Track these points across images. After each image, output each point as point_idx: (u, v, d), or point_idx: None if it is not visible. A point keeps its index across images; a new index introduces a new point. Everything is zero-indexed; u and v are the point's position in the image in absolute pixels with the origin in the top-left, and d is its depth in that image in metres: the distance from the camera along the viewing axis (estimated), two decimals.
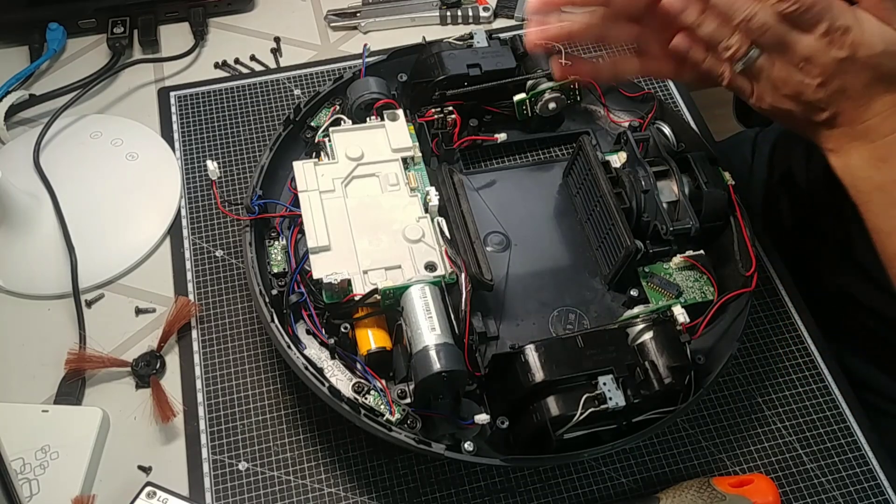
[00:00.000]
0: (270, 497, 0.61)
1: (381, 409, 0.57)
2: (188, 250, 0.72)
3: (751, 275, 0.63)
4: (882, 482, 0.62)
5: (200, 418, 0.64)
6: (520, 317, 0.65)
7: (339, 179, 0.65)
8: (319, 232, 0.61)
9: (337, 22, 0.89)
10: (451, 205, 0.64)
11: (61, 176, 0.74)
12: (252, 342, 0.67)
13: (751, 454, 0.64)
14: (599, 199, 0.66)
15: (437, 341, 0.55)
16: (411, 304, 0.57)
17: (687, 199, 0.65)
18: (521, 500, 0.61)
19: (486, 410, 0.58)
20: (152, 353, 0.66)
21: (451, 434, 0.57)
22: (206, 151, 0.78)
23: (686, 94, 0.85)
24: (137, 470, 0.62)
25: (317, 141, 0.69)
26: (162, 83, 0.84)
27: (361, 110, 0.70)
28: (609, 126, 0.76)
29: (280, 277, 0.63)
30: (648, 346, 0.58)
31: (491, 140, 0.72)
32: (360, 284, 0.59)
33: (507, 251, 0.68)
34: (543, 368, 0.55)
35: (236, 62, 0.86)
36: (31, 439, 0.61)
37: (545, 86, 0.72)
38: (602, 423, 0.56)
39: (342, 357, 0.59)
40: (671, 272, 0.65)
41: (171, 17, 0.88)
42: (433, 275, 0.59)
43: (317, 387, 0.57)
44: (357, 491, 0.61)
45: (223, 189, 0.76)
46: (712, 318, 0.63)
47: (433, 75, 0.71)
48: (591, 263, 0.68)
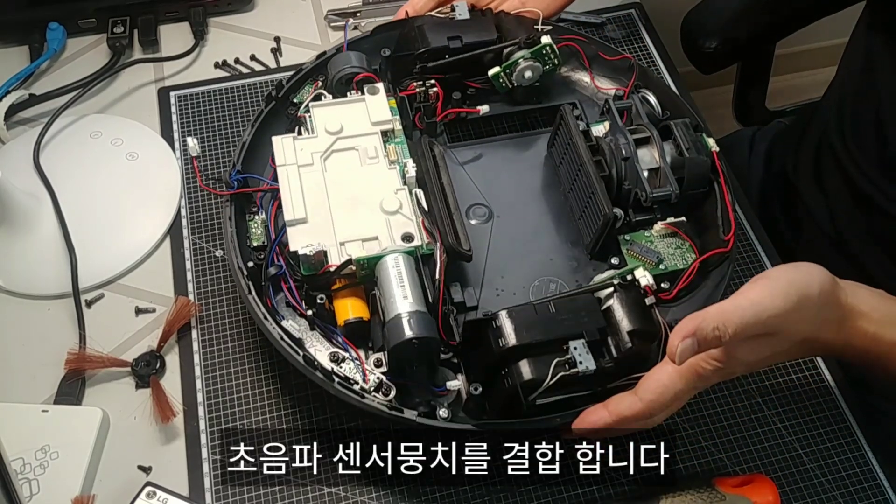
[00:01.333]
0: (270, 497, 0.61)
1: (357, 378, 0.58)
2: (188, 250, 0.72)
3: (729, 238, 0.63)
4: (882, 482, 0.62)
5: (200, 418, 0.64)
6: (500, 287, 0.65)
7: (317, 153, 0.66)
8: (297, 205, 0.62)
9: (337, 22, 0.89)
10: (430, 176, 0.64)
11: (61, 176, 0.74)
12: (252, 342, 0.67)
13: (751, 454, 0.63)
14: (580, 168, 0.66)
15: (409, 309, 0.56)
16: (385, 273, 0.58)
17: (668, 165, 0.65)
18: (521, 500, 0.61)
19: (464, 380, 0.59)
20: (152, 353, 0.66)
21: (427, 402, 0.58)
22: (206, 151, 0.78)
23: (678, 78, 0.85)
24: (137, 470, 0.62)
25: (298, 116, 0.69)
26: (162, 83, 0.84)
27: (342, 85, 0.70)
28: (595, 95, 0.76)
29: (260, 251, 0.63)
30: (613, 309, 0.58)
31: (474, 112, 0.72)
32: (336, 256, 0.60)
33: (490, 223, 0.69)
34: (515, 333, 0.55)
35: (236, 62, 0.86)
36: (31, 439, 0.61)
37: (518, 55, 0.72)
38: (576, 388, 0.56)
39: (321, 328, 0.60)
40: (653, 240, 0.65)
41: (171, 17, 0.88)
42: (409, 245, 0.60)
43: (292, 356, 0.58)
44: (357, 490, 0.61)
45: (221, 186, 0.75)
46: (695, 286, 0.63)
47: (414, 48, 0.72)
48: (573, 233, 0.69)
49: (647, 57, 0.86)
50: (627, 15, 0.90)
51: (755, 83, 1.01)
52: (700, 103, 0.85)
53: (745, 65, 1.00)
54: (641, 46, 0.87)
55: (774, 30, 0.97)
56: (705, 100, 0.95)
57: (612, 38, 0.88)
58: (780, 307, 0.51)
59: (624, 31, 0.89)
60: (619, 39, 0.88)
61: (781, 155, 0.90)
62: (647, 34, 0.88)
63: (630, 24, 0.89)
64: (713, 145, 0.67)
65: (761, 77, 1.01)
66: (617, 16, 0.90)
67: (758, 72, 1.01)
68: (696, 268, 0.63)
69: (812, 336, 0.55)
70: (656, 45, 0.87)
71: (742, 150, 0.94)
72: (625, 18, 0.90)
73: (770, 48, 0.99)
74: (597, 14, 0.88)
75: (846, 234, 0.79)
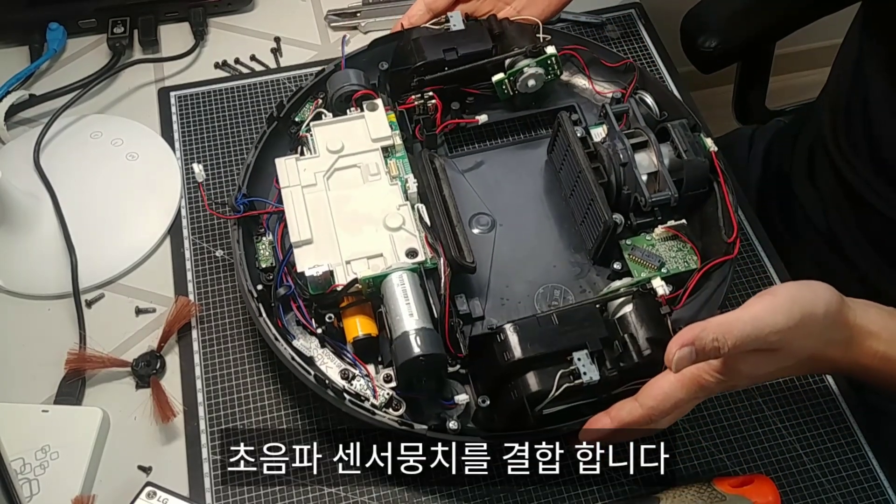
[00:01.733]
0: (270, 497, 0.61)
1: (367, 394, 0.58)
2: (188, 250, 0.72)
3: (733, 241, 0.64)
4: (882, 482, 0.62)
5: (200, 418, 0.64)
6: (505, 296, 0.66)
7: (320, 173, 0.66)
8: (302, 226, 0.63)
9: (337, 22, 0.89)
10: (431, 190, 0.65)
11: (61, 176, 0.74)
12: (252, 342, 0.67)
13: (751, 454, 0.63)
14: (579, 175, 0.66)
15: (415, 326, 0.57)
16: (390, 291, 0.59)
17: (666, 168, 0.65)
18: (521, 500, 0.61)
19: (472, 391, 0.60)
20: (152, 353, 0.66)
21: (436, 415, 0.59)
22: (206, 151, 0.78)
23: (678, 78, 0.85)
24: (137, 470, 0.62)
25: (300, 136, 0.70)
26: (162, 83, 0.84)
27: (342, 102, 0.71)
28: (595, 98, 0.76)
29: (269, 272, 0.64)
30: (629, 319, 0.59)
31: (472, 122, 0.73)
32: (342, 275, 0.60)
33: (493, 231, 0.69)
34: (520, 346, 0.56)
35: (236, 62, 0.86)
36: (31, 439, 0.61)
37: (523, 63, 0.73)
38: (581, 397, 0.56)
39: (331, 345, 0.61)
40: (654, 244, 0.66)
41: (171, 17, 0.88)
42: (414, 261, 0.61)
43: (304, 375, 0.59)
44: (357, 491, 0.61)
45: (223, 189, 0.76)
46: (697, 287, 0.63)
47: (411, 62, 0.72)
48: (575, 239, 0.69)
49: (647, 57, 0.86)
50: (627, 15, 0.90)
51: (755, 83, 1.01)
52: (700, 103, 0.85)
53: (745, 65, 1.00)
54: (641, 46, 0.87)
55: (774, 30, 0.97)
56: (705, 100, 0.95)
57: (611, 37, 0.88)
58: (782, 324, 0.51)
59: (623, 30, 0.89)
60: (619, 39, 0.88)
61: (779, 154, 0.91)
62: (646, 34, 0.88)
63: (630, 24, 0.89)
64: (711, 145, 0.67)
65: (761, 77, 1.01)
66: (617, 16, 0.90)
67: (758, 72, 1.01)
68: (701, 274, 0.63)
69: (818, 354, 0.55)
70: (656, 45, 0.87)
71: (741, 148, 0.95)
72: (624, 18, 0.90)
73: (770, 48, 0.99)
74: (596, 14, 0.88)
75: (840, 234, 0.79)
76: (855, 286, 0.78)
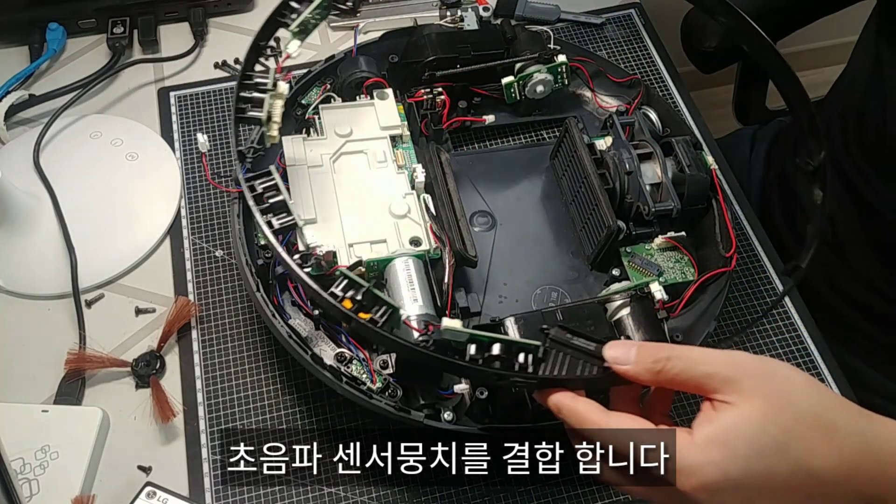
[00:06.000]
0: (270, 497, 0.61)
1: (363, 379, 0.58)
2: (188, 250, 0.72)
3: (730, 255, 0.64)
4: None
5: (200, 418, 0.64)
6: (503, 294, 0.66)
7: (327, 155, 0.66)
8: (306, 205, 0.62)
9: (337, 22, 0.89)
10: (438, 182, 0.65)
11: (61, 176, 0.74)
12: (252, 342, 0.67)
13: None
14: (584, 181, 0.67)
15: (418, 312, 0.56)
16: (395, 275, 0.59)
17: (670, 181, 0.66)
18: (521, 500, 0.61)
19: (469, 382, 0.59)
20: (152, 353, 0.66)
21: (432, 405, 0.58)
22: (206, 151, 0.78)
23: (678, 78, 0.85)
24: (137, 470, 0.62)
25: (307, 118, 0.70)
26: (162, 83, 0.84)
27: (351, 88, 0.71)
28: (597, 111, 0.77)
29: (267, 249, 0.63)
30: (625, 322, 0.60)
31: (479, 122, 0.73)
32: (345, 257, 0.60)
33: (493, 230, 0.70)
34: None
35: (236, 62, 0.86)
36: (31, 439, 0.61)
37: (533, 68, 0.73)
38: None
39: (326, 328, 0.61)
40: (653, 253, 0.66)
41: (171, 17, 0.88)
42: (417, 249, 0.60)
43: (300, 355, 0.58)
44: (357, 491, 0.61)
45: (223, 182, 0.76)
46: (693, 299, 0.63)
47: (423, 56, 0.72)
48: (574, 244, 0.69)
49: (647, 57, 0.86)
50: (627, 15, 0.90)
51: (755, 83, 1.01)
52: (700, 103, 0.85)
53: (745, 65, 1.00)
54: (641, 46, 0.87)
55: (775, 29, 0.97)
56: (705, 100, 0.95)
57: (611, 38, 0.88)
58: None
59: (624, 31, 0.89)
60: (619, 39, 0.88)
61: (781, 154, 0.90)
62: (646, 34, 0.88)
63: (630, 25, 0.89)
64: (712, 163, 0.68)
65: (761, 77, 1.01)
66: (617, 16, 0.90)
67: (758, 71, 1.01)
68: (698, 285, 0.64)
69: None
70: (656, 45, 0.87)
71: (743, 149, 0.95)
72: (625, 18, 0.90)
73: None
74: (597, 14, 0.88)
75: (842, 236, 0.79)
76: (857, 287, 0.78)
